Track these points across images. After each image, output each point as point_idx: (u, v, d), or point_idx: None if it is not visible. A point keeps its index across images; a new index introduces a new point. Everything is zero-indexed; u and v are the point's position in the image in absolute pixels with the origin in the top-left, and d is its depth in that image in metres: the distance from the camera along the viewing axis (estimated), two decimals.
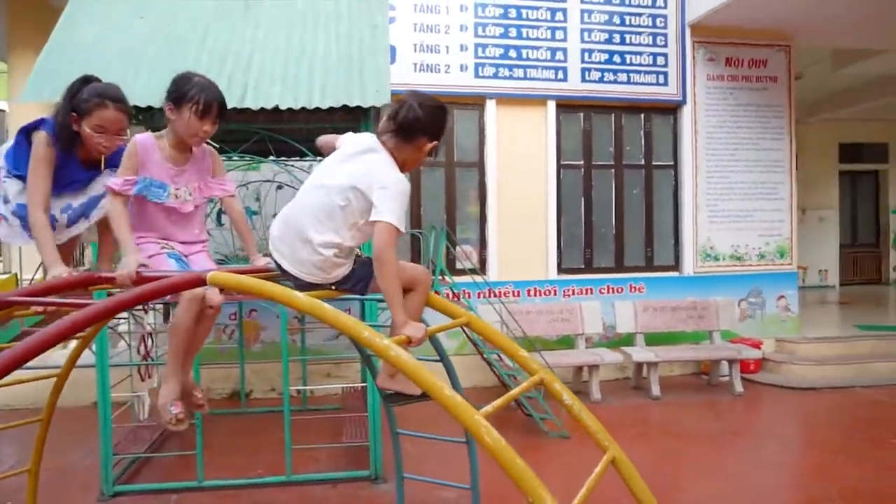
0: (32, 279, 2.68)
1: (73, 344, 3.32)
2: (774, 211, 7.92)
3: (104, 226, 2.57)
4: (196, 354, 2.55)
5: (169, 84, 2.33)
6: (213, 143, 4.97)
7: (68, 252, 2.65)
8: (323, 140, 2.34)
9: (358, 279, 2.09)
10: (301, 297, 1.66)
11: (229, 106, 4.06)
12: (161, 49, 4.44)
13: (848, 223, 13.27)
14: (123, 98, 2.40)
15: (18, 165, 2.42)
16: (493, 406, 1.54)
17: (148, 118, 4.33)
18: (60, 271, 2.19)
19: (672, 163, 7.82)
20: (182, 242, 2.44)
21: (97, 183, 2.49)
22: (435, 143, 2.13)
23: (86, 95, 2.32)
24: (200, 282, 1.85)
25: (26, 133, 2.40)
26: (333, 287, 2.11)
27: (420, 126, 2.06)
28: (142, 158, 2.30)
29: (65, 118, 2.33)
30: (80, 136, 2.35)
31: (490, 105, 7.22)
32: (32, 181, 2.31)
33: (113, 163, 2.42)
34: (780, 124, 7.92)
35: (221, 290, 2.23)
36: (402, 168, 2.10)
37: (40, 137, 2.32)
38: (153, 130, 2.50)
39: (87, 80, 2.40)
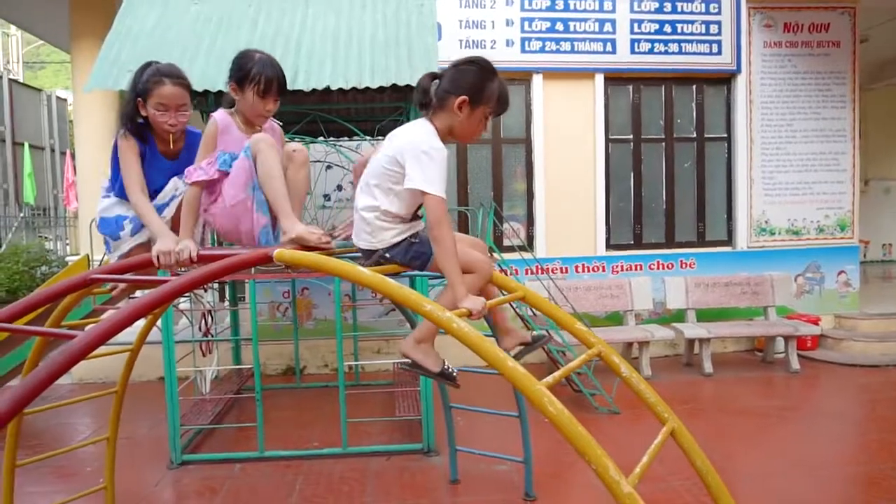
0: (102, 260, 2.83)
1: (141, 321, 3.49)
2: (835, 183, 7.61)
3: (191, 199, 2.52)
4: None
5: (231, 63, 2.34)
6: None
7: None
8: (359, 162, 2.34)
9: (416, 255, 2.11)
10: (366, 272, 1.71)
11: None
12: (215, 34, 4.55)
13: None
14: (180, 73, 2.40)
15: (114, 178, 2.48)
16: (554, 377, 1.57)
17: (204, 102, 4.46)
18: (168, 245, 2.17)
19: (725, 135, 7.59)
20: None
21: (167, 188, 2.47)
22: (480, 105, 2.03)
23: (145, 77, 2.36)
24: (267, 258, 1.93)
25: (116, 144, 2.46)
26: (387, 256, 2.12)
27: (448, 86, 2.03)
28: (222, 135, 2.31)
29: (131, 105, 2.38)
30: (150, 124, 2.39)
31: (537, 80, 7.14)
32: (124, 171, 2.37)
33: (190, 150, 2.44)
34: (843, 91, 7.57)
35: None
36: (449, 137, 2.10)
37: (119, 134, 2.39)
38: (206, 115, 2.55)
39: (147, 65, 2.43)
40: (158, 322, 4.52)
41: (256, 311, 4.79)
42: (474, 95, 2.02)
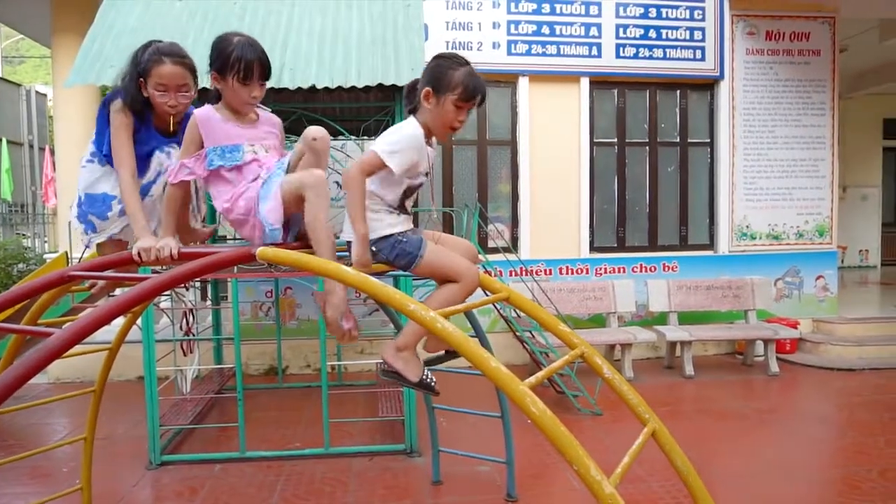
0: (81, 257, 2.76)
1: (120, 319, 3.44)
2: (814, 189, 7.73)
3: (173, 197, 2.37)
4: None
5: (210, 51, 2.20)
6: None
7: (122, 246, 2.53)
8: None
9: (402, 253, 2.09)
10: (350, 271, 1.70)
11: (267, 87, 4.16)
12: (200, 30, 4.51)
13: (891, 201, 12.87)
14: (181, 51, 2.29)
15: (100, 141, 2.37)
16: (537, 377, 1.57)
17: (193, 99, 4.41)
18: (149, 242, 2.09)
19: (708, 140, 7.68)
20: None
21: (161, 157, 2.38)
22: (446, 94, 2.04)
23: (145, 56, 2.26)
24: (249, 257, 1.92)
25: (105, 105, 2.34)
26: (373, 249, 2.08)
27: (420, 83, 2.08)
28: (206, 131, 2.17)
29: (131, 82, 2.26)
30: (150, 102, 2.29)
31: (523, 82, 7.17)
32: (116, 148, 2.27)
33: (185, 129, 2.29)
34: (823, 99, 7.69)
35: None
36: (433, 134, 2.13)
37: (116, 105, 2.27)
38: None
39: (148, 44, 2.32)
40: (139, 321, 4.46)
41: (239, 311, 4.74)
42: (436, 85, 2.05)
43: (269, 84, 4.04)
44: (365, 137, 6.29)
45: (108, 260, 2.23)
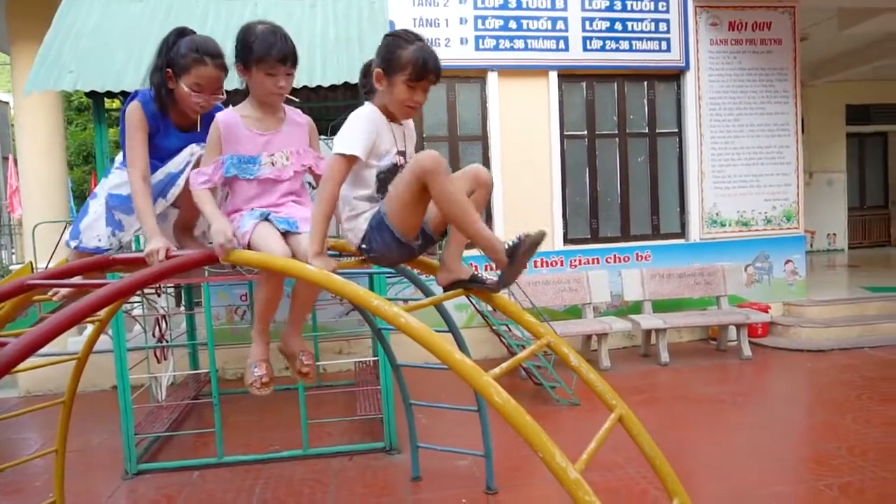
0: (47, 267, 2.70)
1: (89, 329, 3.39)
2: (780, 175, 7.88)
3: (182, 200, 2.31)
4: (307, 313, 2.46)
5: (234, 43, 2.13)
6: None
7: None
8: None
9: (375, 228, 1.93)
10: (311, 269, 1.70)
11: (230, 88, 4.11)
12: (161, 32, 4.43)
13: (856, 186, 13.18)
14: (221, 52, 2.22)
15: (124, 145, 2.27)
16: (502, 368, 1.59)
17: None
18: (160, 244, 2.01)
19: (676, 130, 7.78)
20: (274, 205, 2.21)
21: (182, 154, 2.29)
22: (396, 74, 1.92)
23: (183, 50, 2.16)
24: (212, 259, 1.90)
25: (124, 111, 2.26)
26: (363, 247, 1.98)
27: (374, 63, 1.98)
28: (226, 137, 2.12)
29: (161, 77, 2.18)
30: (173, 96, 2.21)
31: (492, 77, 7.19)
32: (129, 150, 2.18)
33: (208, 122, 2.23)
34: (786, 87, 7.84)
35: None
36: (393, 114, 2.01)
37: (131, 106, 2.20)
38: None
39: (181, 32, 2.23)
40: (109, 329, 4.40)
41: (213, 315, 4.69)
42: (386, 65, 1.94)
43: (233, 86, 3.99)
44: (333, 136, 6.25)
45: (73, 266, 2.19)
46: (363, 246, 1.96)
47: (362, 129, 1.91)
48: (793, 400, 5.50)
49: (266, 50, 2.05)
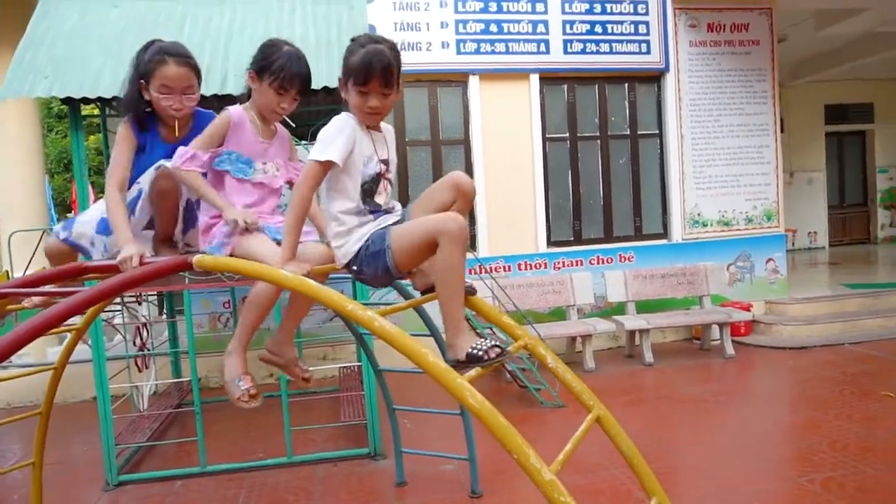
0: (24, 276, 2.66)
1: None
2: (761, 175, 7.96)
3: (160, 201, 2.25)
4: (298, 324, 2.43)
5: (256, 51, 2.18)
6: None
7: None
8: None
9: (372, 257, 1.87)
10: (285, 273, 1.69)
11: (209, 94, 4.08)
12: (138, 38, 4.38)
13: (836, 184, 13.36)
14: (186, 52, 2.23)
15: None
16: (477, 371, 1.59)
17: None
18: (133, 250, 2.00)
19: (657, 131, 7.84)
20: (269, 215, 2.24)
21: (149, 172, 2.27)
22: (350, 79, 1.89)
23: (147, 56, 2.19)
24: (186, 265, 1.88)
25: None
26: (354, 268, 1.92)
27: (341, 72, 1.95)
28: (234, 131, 2.15)
29: (133, 87, 2.19)
30: (153, 107, 2.21)
31: (473, 81, 7.20)
32: (112, 160, 2.20)
33: (193, 134, 2.23)
34: (764, 88, 7.93)
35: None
36: (367, 120, 1.96)
37: (122, 121, 2.22)
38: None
39: (150, 44, 2.26)
40: (87, 338, 4.34)
41: (195, 323, 4.64)
42: (343, 73, 1.93)
43: (212, 91, 3.92)
44: (315, 141, 6.24)
45: (46, 274, 2.16)
46: (353, 267, 1.92)
47: (339, 136, 1.88)
48: (776, 397, 5.55)
49: (286, 69, 2.12)
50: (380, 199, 1.96)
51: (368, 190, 1.93)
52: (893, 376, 5.70)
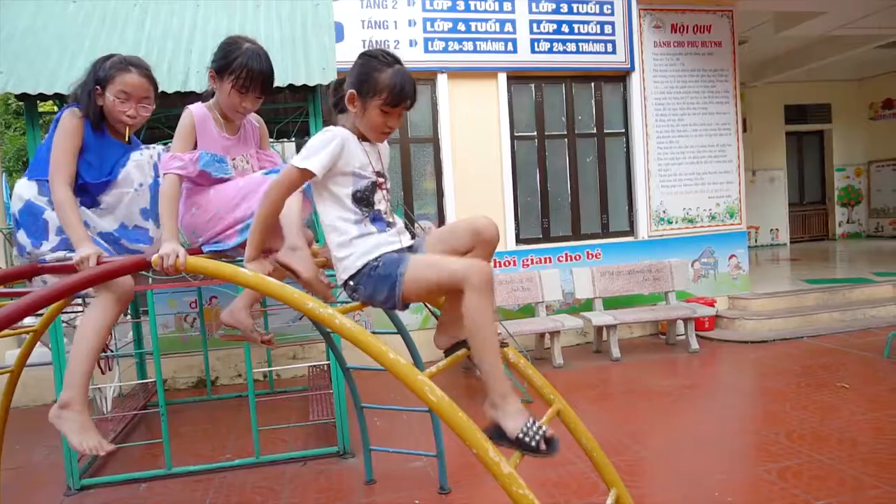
0: None
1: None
2: (723, 173, 8.15)
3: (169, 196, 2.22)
4: (255, 300, 2.43)
5: (216, 49, 2.16)
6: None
7: None
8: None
9: (379, 281, 1.80)
10: (246, 273, 1.69)
11: (171, 90, 4.02)
12: (98, 34, 4.32)
13: (796, 182, 13.73)
14: (147, 66, 2.26)
15: (40, 166, 2.17)
16: (437, 367, 1.61)
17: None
18: (89, 250, 1.95)
19: (623, 130, 7.96)
20: None
21: (133, 162, 2.26)
22: (371, 97, 1.83)
23: (108, 64, 2.19)
24: (145, 265, 1.86)
25: (58, 120, 2.19)
26: (351, 284, 1.86)
27: (346, 83, 1.90)
28: (200, 130, 2.11)
29: (84, 90, 2.17)
30: (103, 112, 2.20)
31: (441, 80, 7.22)
32: (54, 154, 2.09)
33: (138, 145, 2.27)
34: (727, 88, 8.11)
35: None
36: (364, 136, 1.92)
37: (68, 111, 2.15)
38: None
39: (111, 55, 2.27)
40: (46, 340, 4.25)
41: (161, 323, 4.58)
42: (360, 87, 1.85)
43: (175, 88, 3.88)
44: (284, 140, 6.19)
45: (8, 272, 2.11)
46: (350, 283, 1.86)
47: (324, 149, 1.80)
48: (737, 390, 5.70)
49: (246, 68, 2.09)
50: (380, 206, 1.90)
51: (365, 198, 1.87)
52: (849, 368, 5.90)
